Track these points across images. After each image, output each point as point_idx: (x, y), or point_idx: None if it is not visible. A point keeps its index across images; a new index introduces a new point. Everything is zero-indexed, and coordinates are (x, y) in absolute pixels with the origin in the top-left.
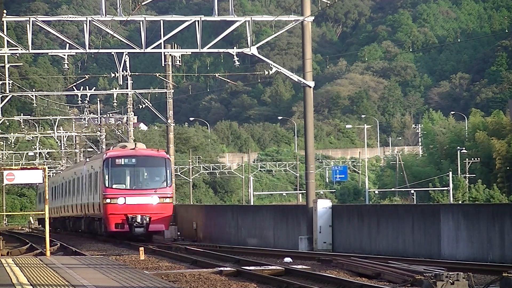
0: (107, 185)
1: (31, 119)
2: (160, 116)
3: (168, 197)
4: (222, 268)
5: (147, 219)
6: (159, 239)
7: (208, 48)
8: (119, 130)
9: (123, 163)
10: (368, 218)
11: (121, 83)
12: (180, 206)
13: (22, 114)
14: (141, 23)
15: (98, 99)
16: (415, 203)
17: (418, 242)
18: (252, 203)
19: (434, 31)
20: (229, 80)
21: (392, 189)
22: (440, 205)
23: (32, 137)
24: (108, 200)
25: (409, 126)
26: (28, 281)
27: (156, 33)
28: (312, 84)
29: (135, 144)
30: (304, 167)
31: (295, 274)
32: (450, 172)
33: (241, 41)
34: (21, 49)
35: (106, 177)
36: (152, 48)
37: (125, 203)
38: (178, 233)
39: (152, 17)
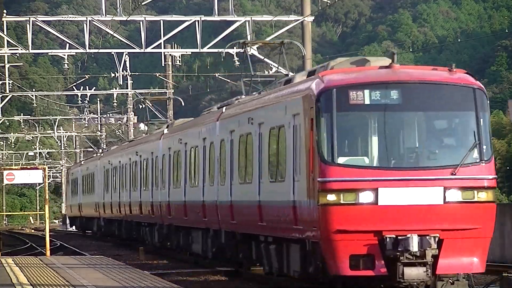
0: (326, 158)
1: (31, 119)
2: (160, 116)
3: (485, 189)
4: (222, 268)
5: (435, 245)
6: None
7: (208, 48)
8: (119, 130)
9: (368, 101)
10: None
11: (121, 83)
12: None
13: (22, 114)
14: (141, 23)
15: (98, 99)
16: None
17: None
18: None
19: (434, 31)
20: (229, 80)
21: None
22: None
23: (32, 137)
24: (331, 197)
25: None
26: (28, 281)
27: (156, 33)
28: None
29: (394, 55)
30: None
31: None
32: None
33: (241, 41)
34: (21, 49)
35: (325, 136)
36: (152, 48)
37: (376, 203)
38: None
39: (152, 17)
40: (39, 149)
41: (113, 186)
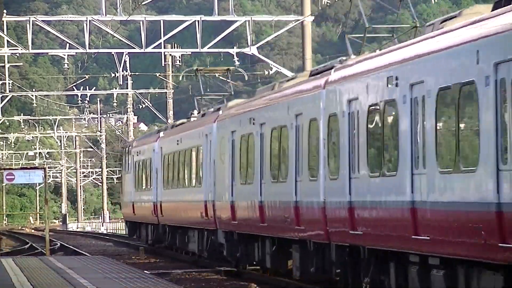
0: None
1: (31, 119)
2: (160, 116)
3: None
4: (222, 268)
5: None
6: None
7: (208, 48)
8: (119, 130)
9: None
10: None
11: (121, 83)
12: None
13: (22, 114)
14: (141, 23)
15: (98, 99)
16: None
17: None
18: None
19: None
20: (229, 80)
21: None
22: None
23: (32, 137)
24: None
25: None
26: (28, 281)
27: (156, 33)
28: None
29: None
30: None
31: None
32: None
33: (241, 41)
34: (21, 49)
35: None
36: (152, 48)
37: None
38: None
39: (152, 17)
40: (39, 149)
41: (273, 170)
